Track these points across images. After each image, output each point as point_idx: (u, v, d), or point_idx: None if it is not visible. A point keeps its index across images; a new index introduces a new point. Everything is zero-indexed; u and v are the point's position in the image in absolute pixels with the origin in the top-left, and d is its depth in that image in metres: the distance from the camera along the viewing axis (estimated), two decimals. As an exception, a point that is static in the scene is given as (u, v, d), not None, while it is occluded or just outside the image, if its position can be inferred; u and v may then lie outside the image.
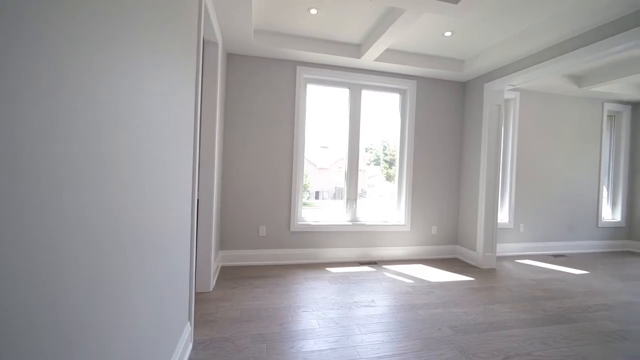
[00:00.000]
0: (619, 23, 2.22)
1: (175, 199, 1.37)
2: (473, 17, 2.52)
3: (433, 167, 3.72)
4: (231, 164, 3.13)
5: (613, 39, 2.25)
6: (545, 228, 4.14)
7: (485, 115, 3.41)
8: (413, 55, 3.30)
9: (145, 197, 1.01)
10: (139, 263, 0.99)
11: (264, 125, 3.21)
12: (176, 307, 1.45)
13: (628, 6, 2.10)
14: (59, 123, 0.58)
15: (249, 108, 3.17)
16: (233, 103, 3.13)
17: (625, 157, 4.49)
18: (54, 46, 0.56)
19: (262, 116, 3.21)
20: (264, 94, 3.21)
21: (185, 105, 1.49)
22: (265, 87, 3.21)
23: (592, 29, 2.39)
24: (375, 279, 2.89)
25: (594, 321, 2.16)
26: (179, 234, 1.46)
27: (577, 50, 2.49)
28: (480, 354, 1.72)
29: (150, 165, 1.04)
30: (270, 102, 3.23)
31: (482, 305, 2.38)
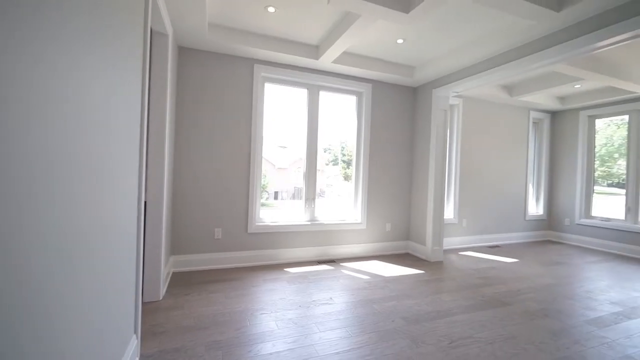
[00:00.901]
0: (540, 42, 2.54)
1: (115, 202, 1.26)
2: (422, 27, 2.70)
3: (387, 167, 3.91)
4: (184, 164, 2.96)
5: (536, 55, 2.57)
6: (483, 222, 4.60)
7: (434, 119, 3.67)
8: (369, 59, 3.43)
9: (74, 199, 0.92)
10: (70, 273, 0.89)
11: (220, 123, 3.09)
12: (119, 320, 1.34)
13: (546, 29, 2.41)
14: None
15: (203, 105, 3.02)
16: (186, 99, 2.96)
17: (546, 159, 5.17)
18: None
19: (219, 114, 3.08)
20: (220, 91, 3.08)
21: (129, 100, 1.38)
22: (221, 84, 3.09)
23: (521, 45, 2.71)
24: (334, 276, 2.95)
25: (522, 303, 2.46)
26: (122, 240, 1.34)
27: (509, 63, 2.80)
28: (429, 340, 1.85)
29: (83, 166, 0.95)
30: (226, 99, 3.11)
31: (431, 295, 2.56)
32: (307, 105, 3.56)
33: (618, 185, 4.57)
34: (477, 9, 2.37)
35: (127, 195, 1.39)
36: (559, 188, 5.09)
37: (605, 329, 2.07)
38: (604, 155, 4.79)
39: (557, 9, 2.15)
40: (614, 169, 4.69)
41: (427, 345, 1.80)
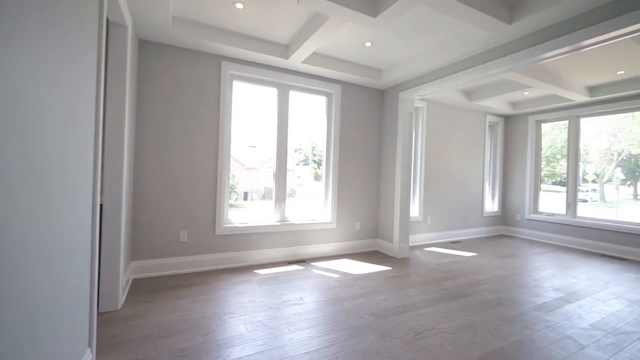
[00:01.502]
0: (495, 51, 2.74)
1: (65, 204, 1.16)
2: (389, 31, 2.79)
3: (357, 167, 4.00)
4: (146, 164, 2.79)
5: (491, 63, 2.77)
6: (446, 219, 4.87)
7: (400, 121, 3.82)
8: (338, 60, 3.47)
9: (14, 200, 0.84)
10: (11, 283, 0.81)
11: (185, 121, 2.96)
12: (71, 334, 1.24)
13: (499, 40, 2.61)
14: None
15: (168, 102, 2.88)
16: (149, 96, 2.79)
17: (500, 159, 5.59)
18: None
19: (184, 111, 2.95)
20: (186, 87, 2.95)
21: (82, 96, 1.28)
22: (187, 80, 2.95)
23: (478, 53, 2.90)
24: (304, 276, 2.96)
25: (480, 293, 2.64)
26: (74, 246, 1.24)
27: (468, 70, 2.99)
28: (396, 334, 1.93)
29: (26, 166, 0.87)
30: (193, 96, 2.99)
31: (398, 291, 2.66)
32: (277, 105, 3.53)
33: (560, 183, 5.07)
34: (440, 17, 2.50)
35: (79, 197, 1.29)
36: (511, 186, 5.53)
37: (549, 314, 2.28)
38: (549, 156, 5.29)
39: (509, 21, 2.34)
40: (557, 169, 5.19)
41: (394, 339, 1.87)
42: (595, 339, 1.94)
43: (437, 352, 1.75)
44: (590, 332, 2.03)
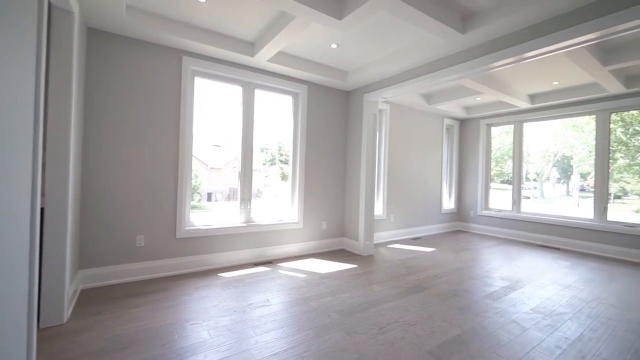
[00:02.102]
0: (451, 59, 2.93)
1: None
2: (354, 34, 2.85)
3: (323, 167, 4.04)
4: (97, 164, 2.57)
5: (447, 70, 2.96)
6: (408, 217, 5.10)
7: (365, 122, 3.92)
8: (304, 61, 3.48)
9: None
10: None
11: (143, 118, 2.77)
12: (4, 354, 1.10)
13: (455, 48, 2.80)
14: None
15: (122, 97, 2.67)
16: (100, 90, 2.57)
17: (456, 160, 5.99)
18: None
19: (141, 108, 2.76)
20: (143, 82, 2.77)
21: (17, 90, 1.14)
22: (144, 74, 2.77)
23: (437, 59, 3.07)
24: (271, 277, 2.93)
25: (438, 286, 2.81)
26: (8, 255, 1.11)
27: (427, 75, 3.15)
28: (361, 330, 1.98)
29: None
30: (150, 92, 2.81)
31: (363, 287, 2.74)
32: (242, 103, 3.44)
33: (507, 182, 5.56)
34: (402, 24, 2.61)
35: (14, 200, 1.15)
36: (466, 185, 5.95)
37: (497, 301, 2.50)
38: (498, 157, 5.77)
39: (462, 31, 2.51)
40: (505, 169, 5.69)
41: (359, 335, 1.92)
42: (536, 322, 2.16)
43: (400, 344, 1.83)
44: (531, 315, 2.26)
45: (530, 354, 1.77)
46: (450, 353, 1.75)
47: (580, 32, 2.08)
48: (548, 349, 1.82)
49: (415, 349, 1.78)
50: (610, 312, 2.35)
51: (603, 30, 2.01)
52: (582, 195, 5.09)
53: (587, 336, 1.98)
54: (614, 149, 4.31)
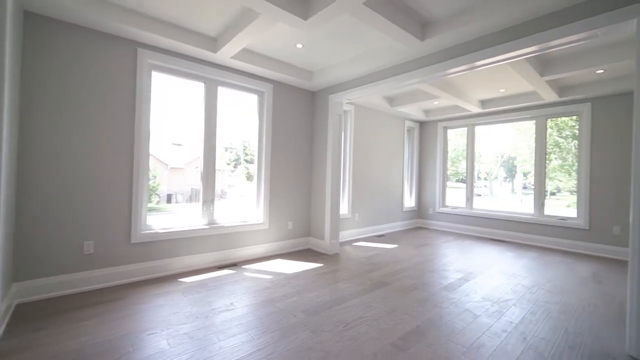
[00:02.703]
0: (411, 64, 3.08)
1: None
2: (320, 35, 2.88)
3: (289, 167, 4.02)
4: (37, 165, 2.31)
5: (408, 74, 3.10)
6: (372, 215, 5.27)
7: (330, 123, 3.98)
8: (270, 59, 3.43)
9: None
10: None
11: (90, 113, 2.54)
12: None
13: (414, 54, 2.94)
14: None
15: (67, 91, 2.43)
16: (40, 81, 2.31)
17: (416, 160, 6.30)
18: None
19: (89, 102, 2.53)
20: (91, 74, 2.54)
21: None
22: (93, 66, 2.54)
23: (398, 64, 3.21)
24: (235, 280, 2.86)
25: (400, 280, 2.94)
26: None
27: (389, 78, 3.28)
28: (327, 328, 2.01)
29: None
30: (101, 85, 2.58)
31: (329, 286, 2.78)
32: (204, 101, 3.31)
33: (461, 181, 5.97)
34: (366, 27, 2.69)
35: None
36: (425, 184, 6.29)
37: (453, 292, 2.68)
38: (454, 158, 6.18)
39: (421, 38, 2.65)
40: (459, 169, 6.10)
41: (325, 333, 1.95)
42: (485, 309, 2.35)
43: (364, 338, 1.89)
44: (482, 303, 2.46)
45: (480, 339, 1.92)
46: (411, 344, 1.84)
47: (521, 45, 2.30)
48: (496, 333, 2.00)
49: (379, 343, 1.85)
50: (547, 296, 2.64)
51: (541, 44, 2.24)
52: (524, 192, 5.63)
53: (528, 319, 2.20)
54: (549, 150, 4.83)
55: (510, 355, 1.75)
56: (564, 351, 1.81)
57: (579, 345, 1.88)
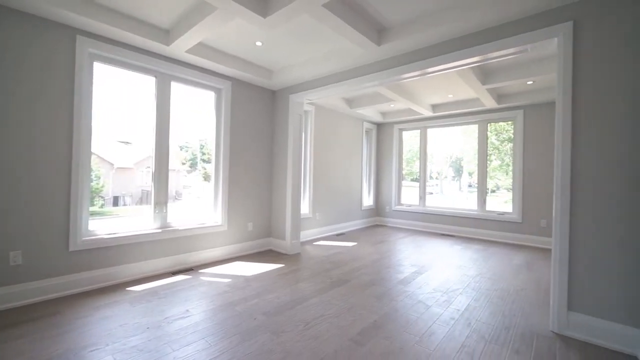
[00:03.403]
0: (369, 67, 3.19)
1: None
2: (280, 34, 2.86)
3: (248, 166, 3.93)
4: (-60, 162, 1.97)
5: (365, 77, 3.21)
6: (332, 214, 5.36)
7: (291, 123, 3.97)
8: (228, 56, 3.32)
9: None
10: None
11: (20, 105, 2.23)
12: None
13: (372, 58, 3.06)
14: None
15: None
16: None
17: (374, 160, 6.55)
18: None
19: (19, 93, 2.22)
20: (22, 62, 2.23)
21: None
22: (21, 53, 2.23)
23: (357, 67, 3.30)
24: (191, 286, 2.72)
25: (359, 277, 3.04)
26: None
27: (348, 80, 3.36)
28: (288, 328, 2.01)
29: None
30: (32, 74, 2.28)
31: (290, 286, 2.78)
32: (155, 96, 3.09)
33: (415, 180, 6.34)
34: (326, 29, 2.72)
35: None
36: (382, 183, 6.56)
37: (407, 285, 2.85)
38: (409, 159, 6.53)
39: (378, 43, 2.76)
40: (414, 168, 6.47)
41: (286, 333, 1.95)
42: (436, 299, 2.54)
43: (325, 336, 1.93)
44: (433, 294, 2.64)
45: (432, 327, 2.07)
46: (368, 338, 1.92)
47: (465, 55, 2.51)
48: (445, 321, 2.16)
49: (338, 339, 1.89)
50: (488, 284, 2.92)
51: (482, 56, 2.47)
52: (469, 190, 6.16)
53: (472, 306, 2.42)
54: (490, 152, 5.34)
55: (457, 340, 1.91)
56: (501, 332, 2.02)
57: (513, 326, 2.11)
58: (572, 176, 1.99)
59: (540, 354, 1.77)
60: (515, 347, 1.84)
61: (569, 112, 2.00)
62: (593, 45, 1.94)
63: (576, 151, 1.99)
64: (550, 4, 2.05)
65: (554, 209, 2.05)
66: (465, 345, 1.86)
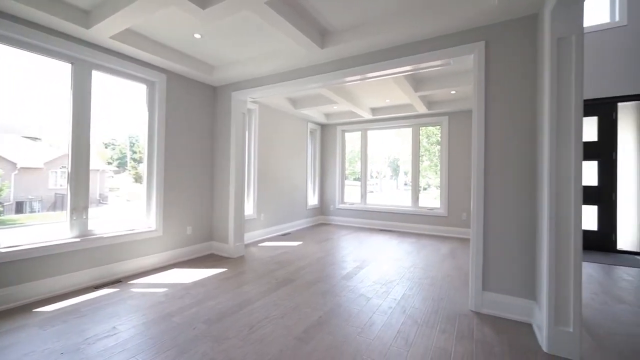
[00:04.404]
0: (312, 69, 3.25)
1: None
2: (221, 29, 2.73)
3: (187, 166, 3.67)
4: None
5: (309, 78, 3.26)
6: (277, 214, 5.33)
7: (233, 121, 3.82)
8: (163, 47, 3.06)
9: None
10: None
11: None
12: None
13: (315, 60, 3.12)
14: None
15: None
16: None
17: (318, 160, 6.69)
18: None
19: None
20: None
21: None
22: None
23: (301, 68, 3.33)
24: (119, 299, 2.45)
25: (304, 276, 3.08)
26: None
27: (292, 80, 3.37)
28: (231, 334, 1.95)
29: None
30: None
31: (233, 290, 2.69)
32: (72, 86, 2.69)
33: (357, 179, 6.65)
34: (270, 27, 2.69)
35: None
36: (326, 183, 6.74)
37: (350, 280, 2.98)
38: (351, 159, 6.82)
39: (321, 46, 2.83)
40: (356, 168, 6.78)
41: (229, 340, 1.88)
42: (376, 291, 2.71)
43: (270, 338, 1.91)
44: (373, 287, 2.81)
45: (372, 318, 2.20)
46: (313, 335, 1.96)
47: (400, 64, 2.72)
48: (384, 310, 2.32)
49: (284, 339, 1.90)
50: (420, 273, 3.22)
51: (413, 65, 2.71)
52: (405, 188, 6.69)
53: (407, 294, 2.64)
54: (422, 153, 5.88)
55: (394, 327, 2.06)
56: (431, 315, 2.25)
57: (441, 309, 2.37)
58: (485, 174, 2.32)
59: (462, 331, 2.02)
60: (442, 328, 2.07)
61: (482, 119, 2.32)
62: (499, 62, 2.29)
63: (488, 152, 2.31)
64: (468, 24, 2.35)
65: (472, 203, 2.36)
66: (400, 331, 2.02)
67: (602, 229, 4.24)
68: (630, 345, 1.87)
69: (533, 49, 2.16)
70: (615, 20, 4.13)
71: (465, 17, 2.25)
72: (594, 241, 4.25)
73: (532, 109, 2.16)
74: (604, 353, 1.78)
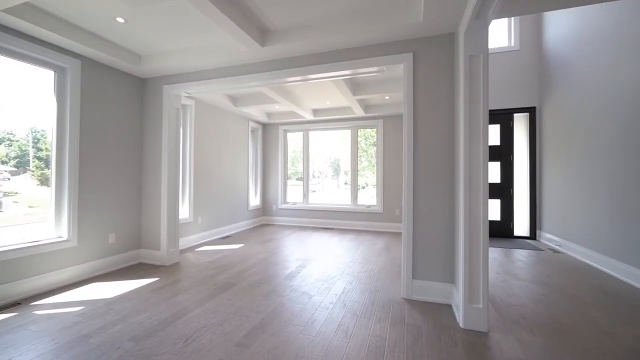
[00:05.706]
0: (252, 67, 3.17)
1: None
2: (150, 15, 2.48)
3: (109, 165, 3.25)
4: None
5: (248, 76, 3.17)
6: (217, 217, 5.07)
7: (165, 117, 3.51)
8: (76, 28, 2.65)
9: None
10: None
11: None
12: None
13: (255, 57, 3.06)
14: None
15: None
16: None
17: (260, 160, 6.57)
18: None
19: None
20: None
21: None
22: None
23: (241, 64, 3.21)
24: (18, 325, 2.05)
25: (246, 279, 3.00)
26: None
27: (230, 77, 3.24)
28: (163, 349, 1.79)
29: None
30: None
31: (166, 301, 2.48)
32: (-60, 65, 2.16)
33: (300, 179, 6.71)
34: (207, 19, 2.54)
35: None
36: (269, 183, 6.65)
37: (293, 279, 3.00)
38: (293, 159, 6.84)
39: (262, 44, 2.78)
40: (298, 168, 6.83)
41: (160, 356, 1.73)
42: (317, 288, 2.77)
43: (208, 347, 1.81)
44: (315, 284, 2.88)
45: (314, 314, 2.25)
46: (255, 338, 1.92)
47: (339, 68, 2.83)
48: (325, 306, 2.40)
49: (223, 347, 1.82)
50: (359, 267, 3.40)
51: (351, 70, 2.85)
52: (345, 187, 6.98)
53: (347, 289, 2.77)
54: (360, 154, 6.21)
55: (335, 321, 2.14)
56: (369, 307, 2.40)
57: (377, 299, 2.54)
58: (414, 173, 2.56)
59: (395, 317, 2.20)
60: (379, 316, 2.22)
61: (411, 123, 2.56)
62: (423, 73, 2.55)
63: (416, 153, 2.56)
64: (400, 35, 2.56)
65: (403, 200, 2.59)
66: (341, 324, 2.11)
67: (503, 219, 5.04)
68: (522, 313, 2.27)
69: (451, 63, 2.47)
70: (511, 45, 4.95)
71: (397, 27, 2.44)
72: (497, 229, 5.03)
73: (451, 117, 2.47)
74: (505, 322, 2.12)
